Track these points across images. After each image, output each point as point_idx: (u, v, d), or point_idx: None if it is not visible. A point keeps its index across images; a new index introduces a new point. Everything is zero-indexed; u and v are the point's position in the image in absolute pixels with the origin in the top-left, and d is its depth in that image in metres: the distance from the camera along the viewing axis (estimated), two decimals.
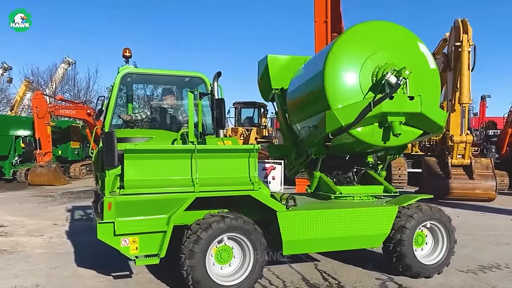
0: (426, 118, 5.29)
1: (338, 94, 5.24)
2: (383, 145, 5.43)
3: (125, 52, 6.40)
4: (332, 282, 5.42)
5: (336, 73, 5.28)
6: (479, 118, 31.39)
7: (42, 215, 10.68)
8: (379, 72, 5.22)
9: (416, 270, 5.47)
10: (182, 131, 5.24)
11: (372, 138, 5.34)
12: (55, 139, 20.64)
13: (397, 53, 5.41)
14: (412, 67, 5.23)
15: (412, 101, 5.16)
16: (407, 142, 5.73)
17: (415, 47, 5.57)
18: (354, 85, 5.27)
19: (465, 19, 12.66)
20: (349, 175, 6.36)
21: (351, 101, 5.20)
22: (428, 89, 5.48)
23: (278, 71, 6.97)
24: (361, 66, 5.29)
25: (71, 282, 5.43)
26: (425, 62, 5.55)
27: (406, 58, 5.40)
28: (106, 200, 4.41)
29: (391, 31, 5.60)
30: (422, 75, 5.48)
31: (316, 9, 11.98)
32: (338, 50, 5.41)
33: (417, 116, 5.25)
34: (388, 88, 5.09)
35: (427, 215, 5.57)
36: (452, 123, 13.50)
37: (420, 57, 5.55)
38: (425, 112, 5.22)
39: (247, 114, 21.80)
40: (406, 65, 5.19)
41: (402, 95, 5.16)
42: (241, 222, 4.77)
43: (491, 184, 13.13)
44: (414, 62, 5.45)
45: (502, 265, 6.21)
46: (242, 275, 4.83)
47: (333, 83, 5.27)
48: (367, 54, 5.34)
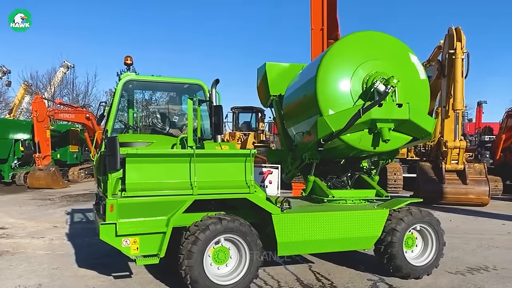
0: (414, 124, 5.51)
1: (329, 101, 5.46)
2: (372, 150, 5.65)
3: (127, 60, 6.60)
4: (325, 283, 5.61)
5: (327, 81, 5.50)
6: (475, 124, 31.58)
7: (42, 218, 10.85)
8: (369, 80, 5.44)
9: (406, 271, 5.65)
10: (181, 136, 5.43)
11: (360, 144, 5.55)
12: (53, 142, 20.83)
13: (389, 63, 5.63)
14: (402, 77, 5.47)
15: (401, 108, 5.38)
16: (396, 147, 5.94)
17: (407, 57, 5.80)
18: (345, 92, 5.49)
19: (459, 27, 12.91)
20: (344, 180, 6.56)
21: (342, 107, 5.41)
22: (418, 98, 5.71)
23: (276, 78, 7.20)
24: (352, 74, 5.51)
25: (73, 282, 5.59)
26: (415, 73, 5.78)
27: (397, 68, 5.62)
28: (109, 202, 4.59)
29: (384, 42, 5.82)
30: (413, 85, 5.71)
31: (313, 17, 12.22)
32: (331, 58, 5.64)
33: (405, 122, 5.47)
34: (377, 95, 5.32)
35: (417, 218, 5.77)
36: (446, 129, 13.75)
37: (411, 67, 5.77)
38: (413, 119, 5.44)
39: (244, 119, 22.01)
40: (396, 74, 5.41)
41: (391, 102, 5.38)
42: (238, 224, 4.95)
43: (484, 189, 13.35)
44: (405, 72, 5.68)
45: (490, 267, 6.41)
46: (238, 275, 5.00)
47: (325, 90, 5.49)
48: (359, 62, 5.55)
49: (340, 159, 6.68)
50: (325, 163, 6.28)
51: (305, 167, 6.36)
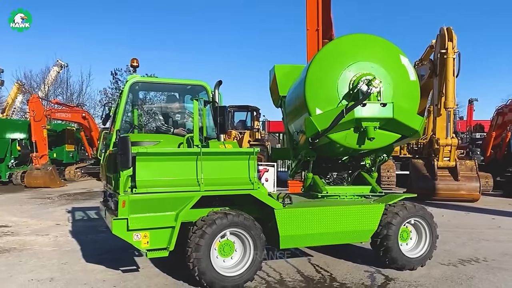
0: (400, 123, 5.72)
1: (317, 101, 5.80)
2: (358, 148, 5.92)
3: (133, 62, 6.80)
4: (325, 274, 5.88)
5: (315, 82, 5.85)
6: (466, 121, 32.00)
7: (44, 216, 11.03)
8: (355, 81, 5.73)
9: (401, 263, 5.93)
10: (188, 135, 5.67)
11: (346, 141, 5.85)
12: (50, 142, 20.89)
13: (378, 65, 5.87)
14: (393, 78, 5.73)
15: (385, 108, 5.62)
16: (385, 145, 6.11)
17: (397, 59, 6.03)
18: (333, 93, 5.80)
19: (450, 27, 13.14)
20: (345, 176, 6.87)
21: (330, 107, 5.70)
22: (408, 98, 5.95)
23: (283, 79, 7.50)
24: (339, 76, 5.80)
25: (83, 276, 5.82)
26: (405, 74, 6.01)
27: (387, 69, 5.87)
28: (121, 198, 4.83)
29: (374, 44, 6.07)
30: (403, 85, 5.94)
31: (308, 18, 12.49)
32: (319, 61, 5.99)
33: (391, 121, 5.70)
34: (361, 95, 5.61)
35: (412, 212, 6.06)
36: (438, 127, 14.06)
37: (401, 69, 6.00)
38: (397, 118, 5.65)
39: (240, 118, 22.19)
40: (386, 75, 5.69)
41: (376, 102, 5.64)
42: (242, 218, 5.21)
43: (475, 185, 13.69)
44: (395, 73, 5.92)
45: (481, 259, 6.72)
46: (243, 267, 5.25)
47: (313, 91, 5.84)
48: (346, 64, 5.83)
49: (339, 157, 6.94)
50: (327, 161, 6.55)
51: (305, 165, 6.63)
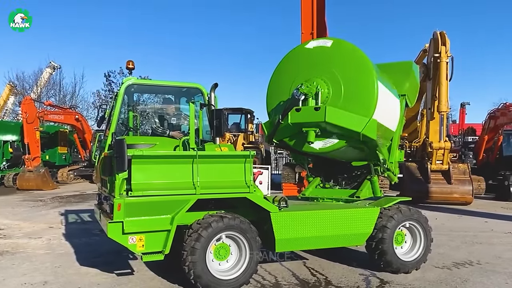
0: (336, 126, 5.60)
1: (273, 107, 6.26)
2: (302, 150, 6.13)
3: (129, 64, 6.77)
4: (320, 277, 5.89)
5: (272, 88, 6.34)
6: (458, 125, 32.23)
7: (37, 219, 10.94)
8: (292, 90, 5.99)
9: (396, 266, 5.95)
10: (183, 138, 5.66)
11: (294, 145, 6.14)
12: (42, 144, 20.72)
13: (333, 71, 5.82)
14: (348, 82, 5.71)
15: (317, 112, 5.60)
16: (334, 149, 5.94)
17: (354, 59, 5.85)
18: (282, 100, 6.14)
19: (443, 32, 13.26)
20: (347, 180, 6.96)
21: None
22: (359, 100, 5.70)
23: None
24: (292, 83, 6.08)
25: (77, 279, 5.77)
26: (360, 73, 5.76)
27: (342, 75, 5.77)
28: (116, 201, 4.79)
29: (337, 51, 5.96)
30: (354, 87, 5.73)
31: (303, 21, 12.53)
32: (278, 68, 6.41)
33: (327, 124, 5.62)
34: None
35: (406, 215, 6.08)
36: (431, 130, 14.18)
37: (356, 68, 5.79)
38: (330, 121, 5.53)
39: (234, 120, 22.16)
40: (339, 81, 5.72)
41: (309, 107, 5.71)
42: (238, 221, 5.19)
43: (468, 188, 13.81)
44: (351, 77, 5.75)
45: (474, 262, 6.77)
46: (238, 270, 5.23)
47: (270, 97, 6.34)
48: (301, 71, 6.06)
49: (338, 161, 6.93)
50: (334, 165, 6.72)
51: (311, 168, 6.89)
